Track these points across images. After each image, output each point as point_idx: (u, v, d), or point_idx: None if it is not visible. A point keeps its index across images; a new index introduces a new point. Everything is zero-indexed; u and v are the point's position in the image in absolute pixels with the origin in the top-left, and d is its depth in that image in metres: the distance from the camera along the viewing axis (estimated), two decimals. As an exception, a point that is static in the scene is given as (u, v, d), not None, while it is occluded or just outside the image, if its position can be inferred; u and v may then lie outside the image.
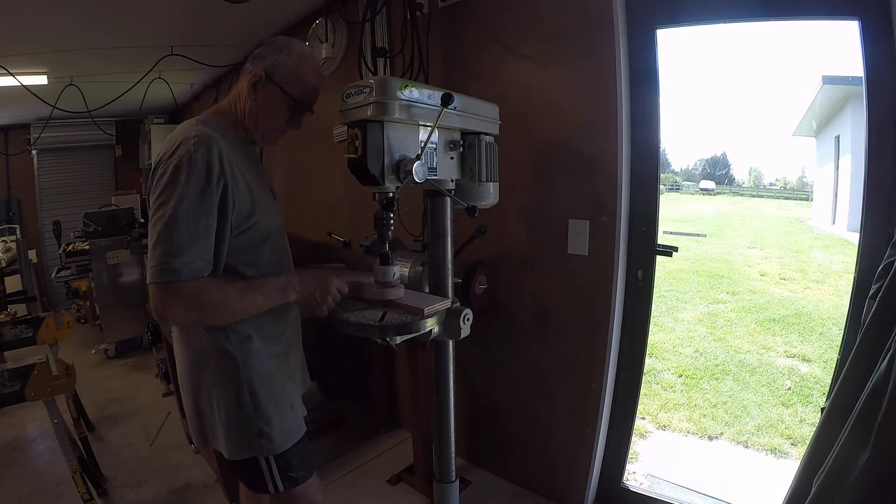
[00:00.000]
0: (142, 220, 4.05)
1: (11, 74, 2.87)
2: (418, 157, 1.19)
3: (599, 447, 1.91)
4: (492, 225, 1.83)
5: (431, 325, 1.27)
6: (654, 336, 4.19)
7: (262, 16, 2.60)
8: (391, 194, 1.20)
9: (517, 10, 1.86)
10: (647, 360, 2.00)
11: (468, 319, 1.38)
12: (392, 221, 1.24)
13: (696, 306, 5.13)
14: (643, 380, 1.93)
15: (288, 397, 1.23)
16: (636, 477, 2.12)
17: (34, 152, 5.32)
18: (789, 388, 3.30)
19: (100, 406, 3.02)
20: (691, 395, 3.24)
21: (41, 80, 3.21)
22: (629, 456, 2.00)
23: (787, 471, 2.03)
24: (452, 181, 1.41)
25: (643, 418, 2.89)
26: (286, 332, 1.26)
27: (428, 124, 1.24)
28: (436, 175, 1.33)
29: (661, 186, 1.86)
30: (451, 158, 1.40)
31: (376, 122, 1.16)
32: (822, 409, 1.25)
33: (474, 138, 1.43)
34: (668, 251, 1.78)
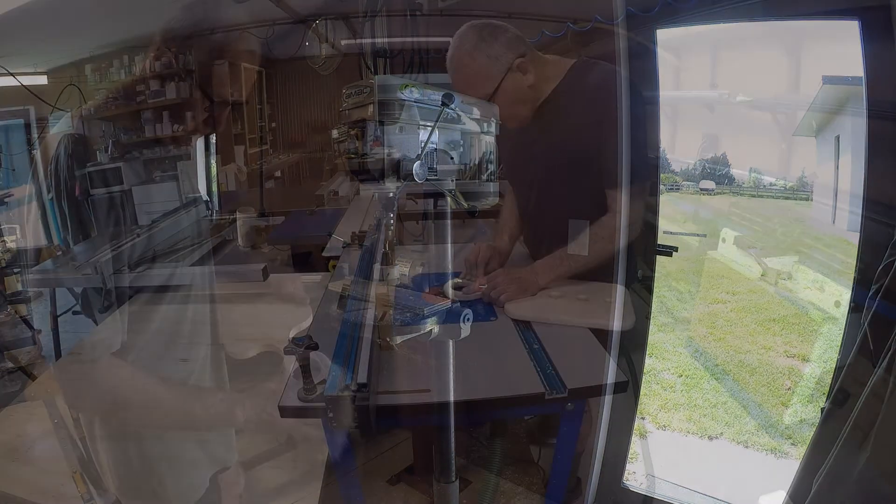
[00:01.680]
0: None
1: (11, 74, 2.87)
2: (418, 157, 1.19)
3: (599, 447, 1.91)
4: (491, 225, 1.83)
5: (431, 325, 1.27)
6: (654, 336, 4.19)
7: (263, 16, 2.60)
8: (391, 194, 1.20)
9: (517, 10, 1.86)
10: (647, 360, 2.00)
11: (468, 319, 1.38)
12: (392, 221, 1.24)
13: (696, 306, 5.12)
14: (643, 380, 1.92)
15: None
16: (636, 477, 2.12)
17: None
18: (789, 388, 3.30)
19: (100, 406, 3.02)
20: (691, 395, 3.24)
21: (41, 80, 3.21)
22: (629, 456, 2.00)
23: (787, 471, 2.03)
24: (452, 181, 1.41)
25: (643, 418, 2.89)
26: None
27: (428, 124, 1.24)
28: (436, 175, 1.33)
29: (661, 186, 1.86)
30: (452, 158, 1.40)
31: (376, 122, 1.16)
32: (822, 409, 1.25)
33: (475, 138, 1.43)
34: (668, 251, 1.78)
